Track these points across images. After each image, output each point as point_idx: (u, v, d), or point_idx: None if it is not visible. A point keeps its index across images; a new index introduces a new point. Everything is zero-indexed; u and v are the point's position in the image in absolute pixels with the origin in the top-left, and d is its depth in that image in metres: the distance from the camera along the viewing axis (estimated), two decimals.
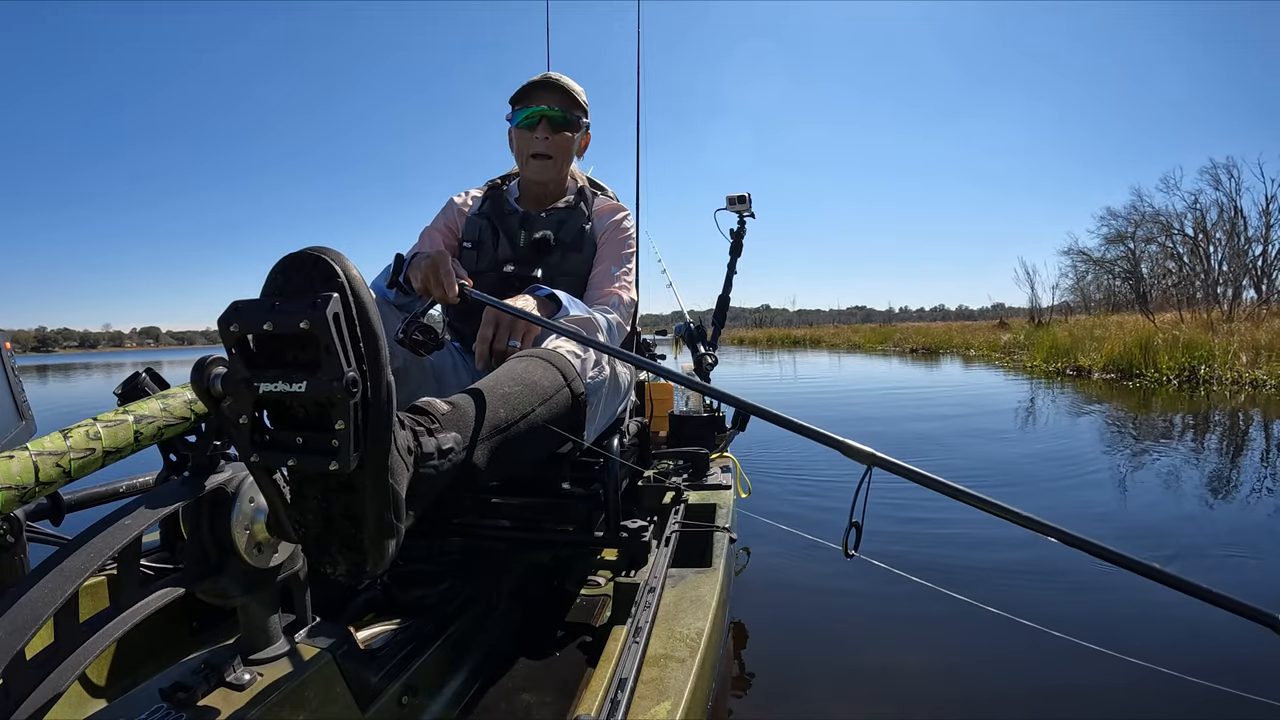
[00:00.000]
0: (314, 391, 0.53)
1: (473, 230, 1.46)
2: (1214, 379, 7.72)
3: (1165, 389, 7.40)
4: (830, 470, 3.46)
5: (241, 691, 0.64)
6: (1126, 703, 1.42)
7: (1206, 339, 8.76)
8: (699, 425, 2.39)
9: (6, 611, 0.49)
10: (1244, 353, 8.03)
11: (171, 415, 0.70)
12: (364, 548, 0.60)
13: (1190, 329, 9.97)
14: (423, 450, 0.70)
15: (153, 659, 0.96)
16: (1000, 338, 15.34)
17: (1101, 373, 9.12)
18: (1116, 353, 9.18)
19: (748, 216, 2.66)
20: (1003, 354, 13.20)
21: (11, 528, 0.80)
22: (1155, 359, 8.53)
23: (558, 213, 1.46)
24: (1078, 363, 9.80)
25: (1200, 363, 8.11)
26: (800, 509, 2.86)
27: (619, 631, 0.92)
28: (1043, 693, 1.47)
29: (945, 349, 16.90)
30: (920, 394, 7.94)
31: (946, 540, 2.39)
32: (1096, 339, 10.34)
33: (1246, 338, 8.70)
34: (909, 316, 78.52)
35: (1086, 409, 6.26)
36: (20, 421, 0.92)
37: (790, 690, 1.50)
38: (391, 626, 0.95)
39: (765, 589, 2.06)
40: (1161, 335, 9.23)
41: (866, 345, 22.16)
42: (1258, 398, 6.40)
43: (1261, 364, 7.63)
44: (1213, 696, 0.96)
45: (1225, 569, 2.13)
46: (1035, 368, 10.55)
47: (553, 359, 1.00)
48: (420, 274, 1.09)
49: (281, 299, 0.53)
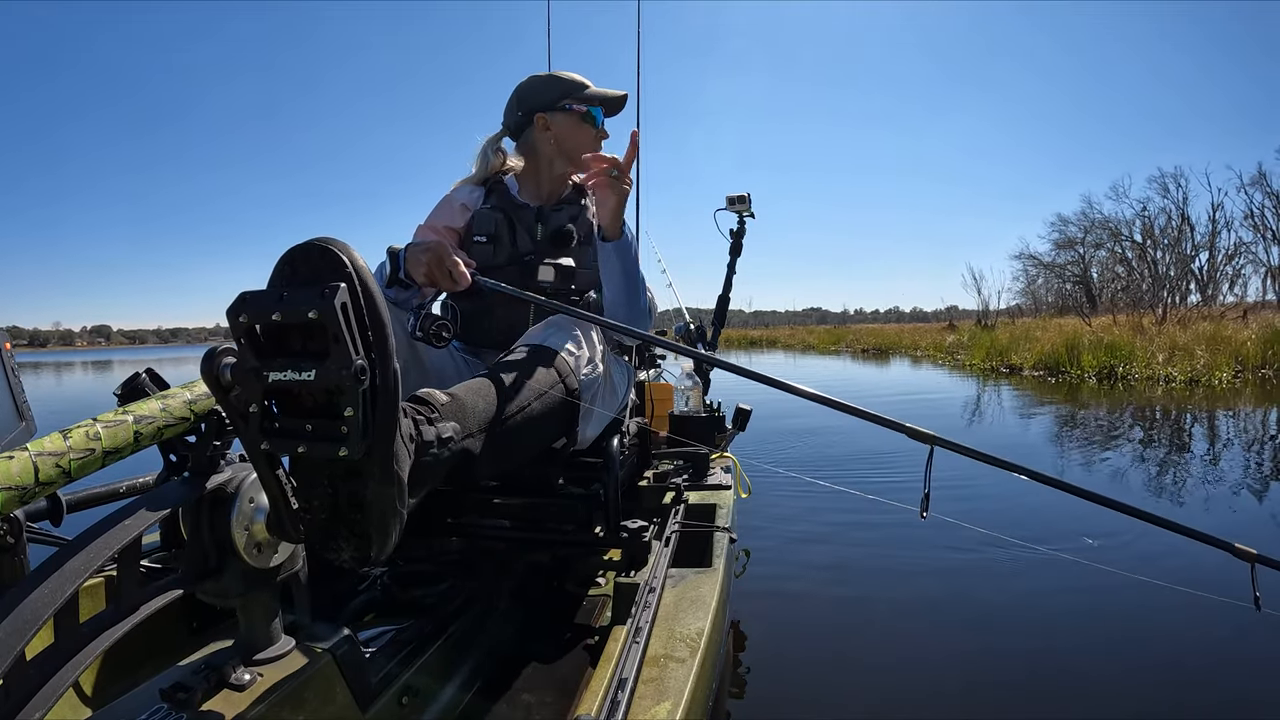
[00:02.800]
0: (323, 380, 0.54)
1: (486, 224, 1.41)
2: (1130, 375, 8.72)
3: (1085, 384, 8.37)
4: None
5: (241, 692, 0.64)
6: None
7: (1130, 340, 9.78)
8: (699, 425, 2.38)
9: (6, 612, 0.49)
10: (1160, 353, 9.01)
11: (171, 415, 0.70)
12: (369, 533, 0.61)
13: (1123, 331, 11.08)
14: (423, 439, 0.72)
15: (153, 659, 0.96)
16: (946, 339, 16.34)
17: (1031, 370, 10.11)
18: (1045, 352, 10.15)
19: (747, 216, 2.65)
20: (947, 354, 14.20)
21: (11, 528, 0.80)
22: (1079, 358, 9.46)
23: (570, 207, 1.45)
24: (1010, 361, 10.86)
25: (1120, 362, 9.07)
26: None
27: (619, 631, 0.92)
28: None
29: (895, 349, 17.98)
30: (863, 387, 9.23)
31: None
32: (1031, 340, 11.36)
33: (1167, 339, 9.67)
34: (864, 318, 79.15)
35: (999, 397, 7.57)
36: (20, 422, 0.92)
37: (790, 689, 1.50)
38: (391, 627, 0.95)
39: (765, 591, 2.06)
40: (1088, 337, 10.23)
41: (820, 346, 23.44)
42: (1164, 391, 7.42)
43: (1175, 363, 8.65)
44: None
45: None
46: (973, 366, 11.64)
47: (547, 356, 1.03)
48: (422, 266, 1.08)
49: (289, 289, 0.54)
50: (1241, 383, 7.88)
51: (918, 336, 19.28)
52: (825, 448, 4.36)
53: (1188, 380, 8.06)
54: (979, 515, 2.70)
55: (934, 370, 11.63)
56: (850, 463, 3.91)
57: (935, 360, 13.88)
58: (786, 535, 2.53)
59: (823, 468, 3.81)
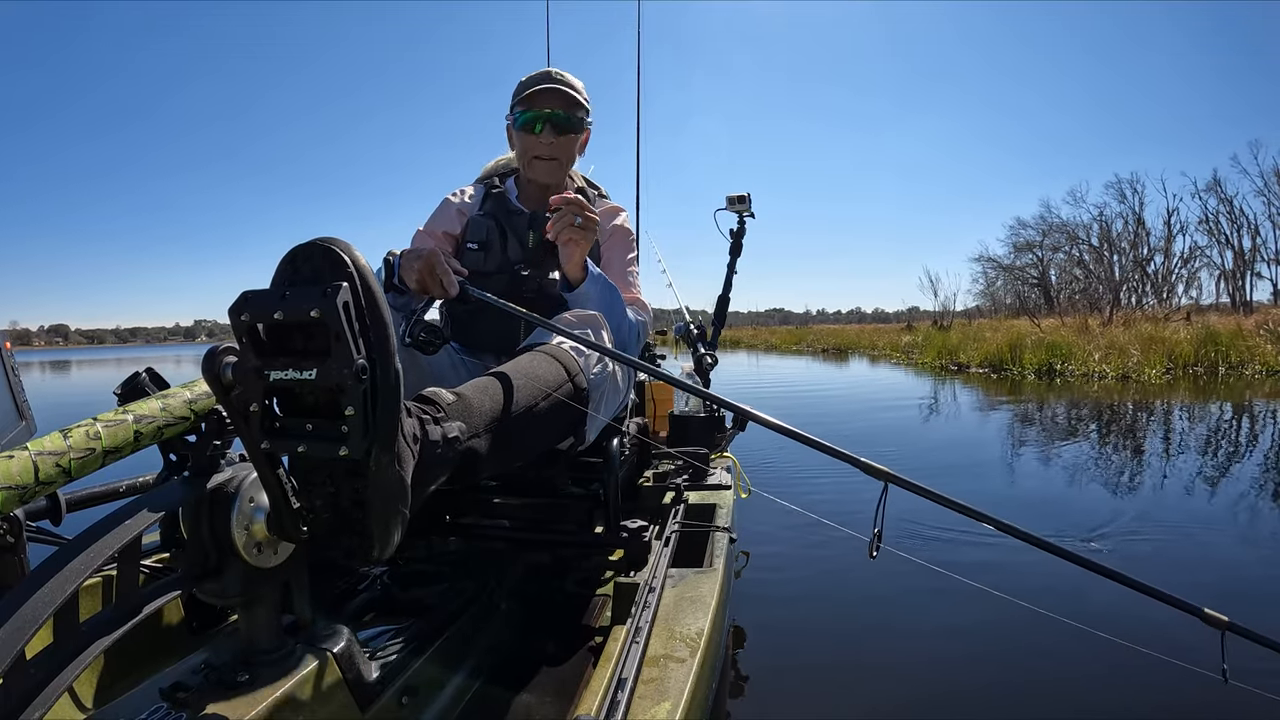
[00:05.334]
0: (324, 378, 0.54)
1: (478, 231, 1.42)
2: (1067, 372, 9.44)
3: (1025, 381, 9.04)
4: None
5: (241, 692, 0.64)
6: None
7: (1069, 340, 10.56)
8: (699, 425, 2.38)
9: (6, 612, 0.49)
10: (1097, 351, 9.82)
11: (171, 415, 0.70)
12: (371, 533, 0.61)
13: (1068, 332, 11.91)
14: (428, 438, 0.72)
15: (153, 659, 0.96)
16: (903, 339, 17.14)
17: (977, 368, 10.94)
18: (990, 351, 11.06)
19: (748, 216, 2.65)
20: (902, 354, 14.97)
21: (11, 528, 0.80)
22: (1021, 357, 10.33)
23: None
24: (959, 360, 11.69)
25: (1059, 359, 9.82)
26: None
27: (619, 631, 0.92)
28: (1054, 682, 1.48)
29: (854, 349, 18.86)
30: (819, 381, 10.09)
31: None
32: (979, 340, 12.21)
33: (1105, 339, 10.53)
34: (826, 319, 79.21)
35: (944, 390, 8.25)
36: (20, 421, 0.92)
37: (790, 688, 1.50)
38: (391, 627, 0.95)
39: (764, 586, 2.06)
40: (1033, 337, 11.17)
41: (783, 346, 23.99)
42: (1098, 386, 8.05)
43: (1109, 360, 9.50)
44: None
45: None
46: (925, 364, 12.41)
47: (556, 354, 1.01)
48: (414, 273, 1.08)
49: (291, 288, 0.54)
50: (1172, 379, 8.67)
51: (876, 337, 19.99)
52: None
53: (1119, 376, 8.86)
54: (938, 545, 2.43)
55: (889, 369, 12.38)
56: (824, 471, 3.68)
57: (891, 359, 14.69)
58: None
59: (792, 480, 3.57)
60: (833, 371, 12.40)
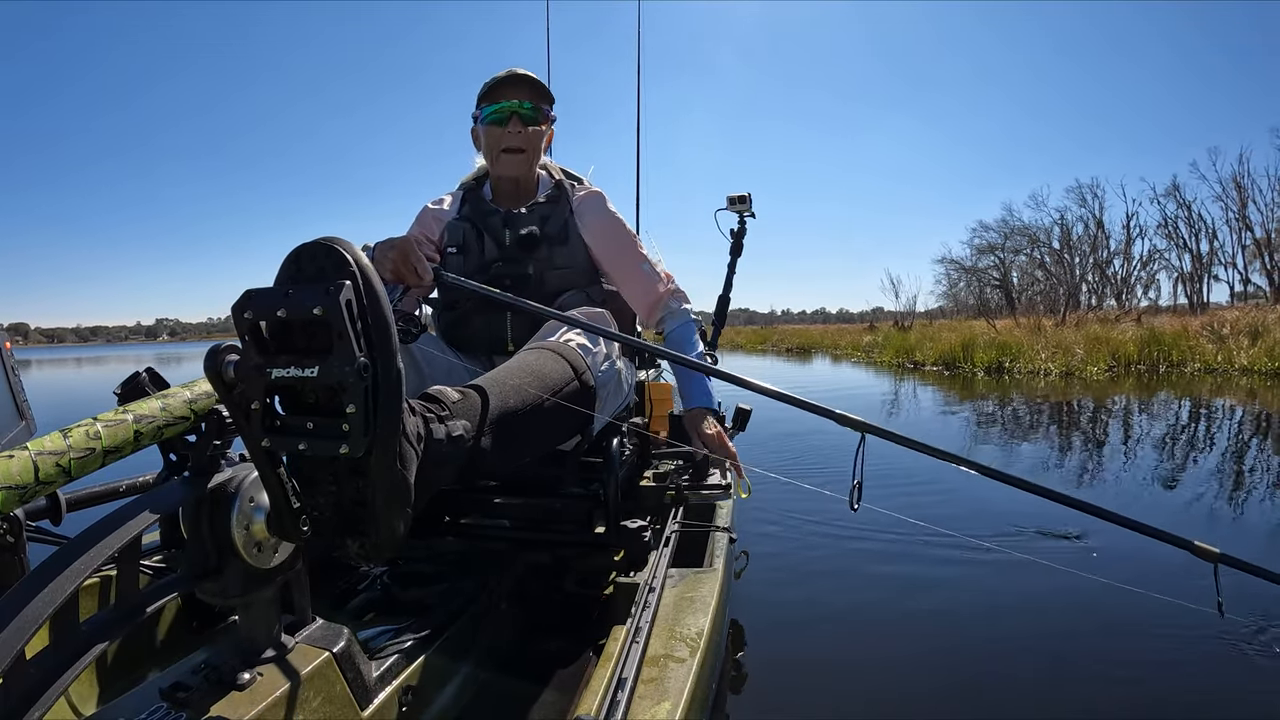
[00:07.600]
0: (326, 376, 0.54)
1: (455, 234, 1.44)
2: (1015, 370, 10.07)
3: (975, 378, 9.56)
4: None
5: (241, 691, 0.64)
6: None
7: (1020, 339, 11.18)
8: None
9: (6, 612, 0.49)
10: (1044, 351, 10.37)
11: (171, 415, 0.70)
12: (373, 532, 0.61)
13: (1021, 332, 12.52)
14: (433, 437, 0.72)
15: (153, 659, 0.96)
16: (864, 339, 17.61)
17: (932, 366, 11.53)
18: (944, 350, 11.64)
19: (748, 216, 2.65)
20: (863, 353, 15.48)
21: (11, 527, 0.80)
22: (973, 355, 10.92)
23: (540, 207, 1.46)
24: (915, 358, 12.29)
25: (1008, 357, 10.43)
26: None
27: (619, 631, 0.92)
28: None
29: (817, 348, 19.39)
30: (781, 379, 10.31)
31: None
32: (935, 340, 12.81)
33: (1054, 339, 11.14)
34: (791, 319, 79.44)
35: (896, 384, 8.81)
36: (20, 421, 0.92)
37: (790, 687, 1.50)
38: (391, 626, 0.95)
39: (764, 585, 2.06)
40: (987, 337, 11.81)
41: (748, 345, 24.22)
42: (1043, 382, 8.48)
43: (1054, 359, 10.01)
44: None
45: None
46: (884, 362, 12.99)
47: (563, 351, 1.01)
48: (389, 262, 1.09)
49: (294, 287, 0.55)
50: (1113, 375, 9.17)
51: (839, 337, 20.45)
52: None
53: (1063, 373, 9.42)
54: (921, 506, 2.66)
55: (850, 367, 13.01)
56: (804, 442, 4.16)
57: (852, 358, 15.28)
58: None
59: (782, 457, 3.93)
60: (795, 369, 12.89)
